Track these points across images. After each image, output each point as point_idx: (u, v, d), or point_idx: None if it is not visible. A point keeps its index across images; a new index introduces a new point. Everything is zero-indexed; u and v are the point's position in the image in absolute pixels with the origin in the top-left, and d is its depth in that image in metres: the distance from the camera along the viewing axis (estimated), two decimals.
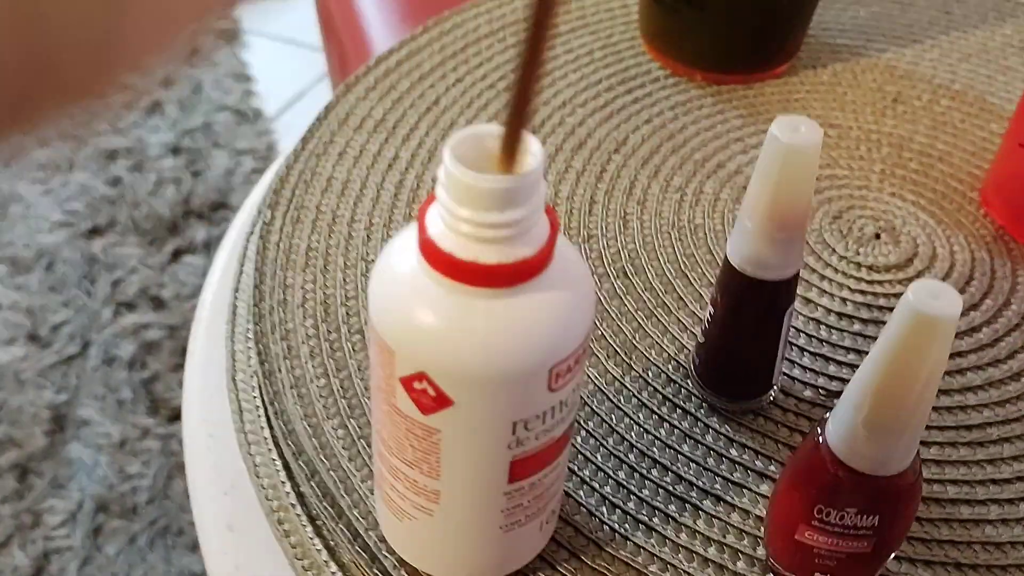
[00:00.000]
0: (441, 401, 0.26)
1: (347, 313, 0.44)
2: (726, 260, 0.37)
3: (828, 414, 0.32)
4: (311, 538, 0.37)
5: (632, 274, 0.46)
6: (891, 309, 0.45)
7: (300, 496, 0.38)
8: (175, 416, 1.11)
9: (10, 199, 1.35)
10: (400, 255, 0.26)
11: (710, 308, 0.39)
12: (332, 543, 0.36)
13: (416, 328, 0.25)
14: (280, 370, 0.41)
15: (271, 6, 1.76)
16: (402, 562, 0.35)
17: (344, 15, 1.03)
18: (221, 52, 1.62)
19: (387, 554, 0.35)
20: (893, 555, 0.34)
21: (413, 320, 0.25)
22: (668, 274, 0.46)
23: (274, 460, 0.39)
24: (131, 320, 1.21)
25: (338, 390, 0.41)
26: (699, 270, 0.47)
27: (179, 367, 1.16)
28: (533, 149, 0.24)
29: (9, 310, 1.21)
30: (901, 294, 0.45)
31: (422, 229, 0.25)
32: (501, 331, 0.25)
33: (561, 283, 0.26)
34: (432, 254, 0.25)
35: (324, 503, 0.37)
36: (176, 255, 1.29)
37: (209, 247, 1.31)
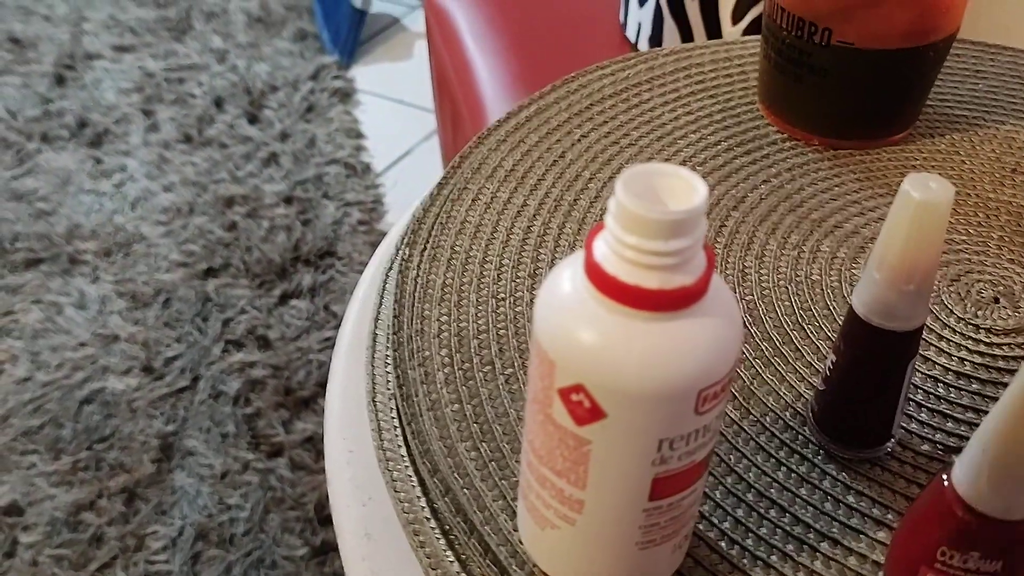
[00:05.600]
0: (595, 413, 0.28)
1: (479, 345, 0.46)
2: (851, 310, 0.39)
3: (955, 457, 0.33)
4: (444, 550, 0.39)
5: (749, 323, 0.48)
6: (1011, 371, 0.46)
7: (434, 511, 0.40)
8: (275, 452, 1.15)
9: (134, 238, 1.44)
10: (567, 276, 0.29)
11: (832, 356, 0.41)
12: (463, 556, 0.39)
13: (578, 342, 0.28)
14: (417, 394, 0.44)
15: (384, 68, 1.84)
16: None
17: (460, 78, 1.08)
18: (335, 109, 1.70)
19: (517, 568, 0.37)
20: None
21: (575, 335, 0.28)
22: (785, 326, 0.48)
23: (410, 476, 0.42)
24: (238, 358, 1.26)
25: (471, 415, 0.43)
26: (816, 324, 0.48)
27: (281, 405, 1.21)
28: (699, 187, 0.27)
29: (126, 342, 1.28)
30: (1022, 358, 0.46)
31: (589, 253, 0.28)
32: (656, 351, 0.27)
33: (714, 312, 0.28)
34: (598, 276, 0.27)
35: (457, 518, 0.39)
36: (283, 299, 1.35)
37: (315, 292, 1.36)
